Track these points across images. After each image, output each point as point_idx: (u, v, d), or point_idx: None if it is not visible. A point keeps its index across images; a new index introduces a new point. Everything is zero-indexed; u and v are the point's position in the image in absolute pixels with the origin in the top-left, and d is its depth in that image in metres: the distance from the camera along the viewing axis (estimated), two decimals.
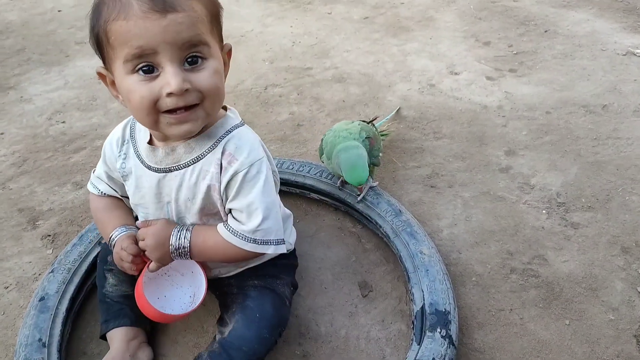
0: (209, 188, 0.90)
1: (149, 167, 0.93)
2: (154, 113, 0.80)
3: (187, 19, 0.76)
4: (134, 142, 0.97)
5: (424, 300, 1.07)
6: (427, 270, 1.12)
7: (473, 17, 2.41)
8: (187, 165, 0.91)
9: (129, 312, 1.06)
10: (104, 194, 1.04)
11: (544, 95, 1.84)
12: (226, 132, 0.91)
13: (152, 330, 1.11)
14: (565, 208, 1.38)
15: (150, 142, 0.94)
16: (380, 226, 1.26)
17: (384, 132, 1.58)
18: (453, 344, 1.00)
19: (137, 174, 0.96)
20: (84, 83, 2.01)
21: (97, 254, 1.20)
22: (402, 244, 1.20)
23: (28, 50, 2.25)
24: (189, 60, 0.79)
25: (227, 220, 0.94)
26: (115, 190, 1.04)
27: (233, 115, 0.96)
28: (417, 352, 0.98)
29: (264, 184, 0.90)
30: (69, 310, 1.11)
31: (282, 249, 0.94)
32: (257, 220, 0.89)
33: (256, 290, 1.03)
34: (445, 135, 1.67)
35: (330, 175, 1.39)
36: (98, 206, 1.05)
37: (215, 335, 1.02)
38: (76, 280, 1.16)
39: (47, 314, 1.08)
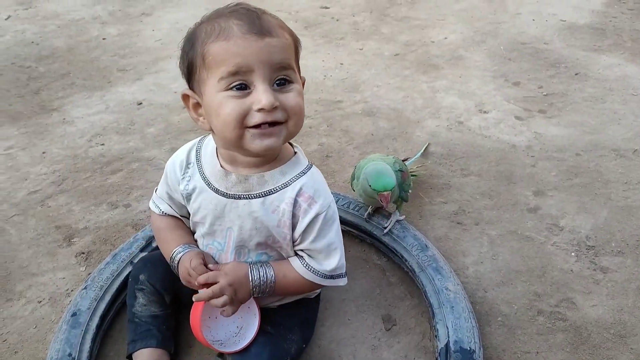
0: (279, 223, 0.95)
1: (217, 191, 0.96)
2: (240, 127, 0.84)
3: (280, 43, 0.84)
4: (199, 164, 1.00)
5: (448, 337, 1.07)
6: (453, 307, 1.12)
7: (503, 58, 2.44)
8: (258, 197, 0.94)
9: (156, 333, 1.09)
10: (165, 213, 1.08)
11: (574, 137, 1.84)
12: (300, 172, 0.96)
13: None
14: (595, 252, 1.37)
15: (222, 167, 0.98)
16: (406, 260, 1.27)
17: (413, 173, 1.60)
18: None
19: (201, 195, 0.99)
20: (124, 108, 2.09)
21: (129, 273, 1.24)
22: (427, 279, 1.21)
23: (72, 75, 2.36)
24: (278, 82, 0.85)
25: (292, 256, 1.02)
26: (175, 211, 1.07)
27: (301, 155, 1.01)
28: None
29: (336, 222, 0.99)
30: (99, 327, 1.14)
31: (345, 280, 1.03)
32: (336, 259, 0.98)
33: (263, 337, 1.04)
34: (473, 173, 1.68)
35: (357, 207, 1.41)
36: (160, 225, 1.09)
37: None
38: (107, 297, 1.19)
39: (78, 330, 1.11)
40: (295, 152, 1.00)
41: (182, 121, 2.00)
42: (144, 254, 1.28)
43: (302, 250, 0.99)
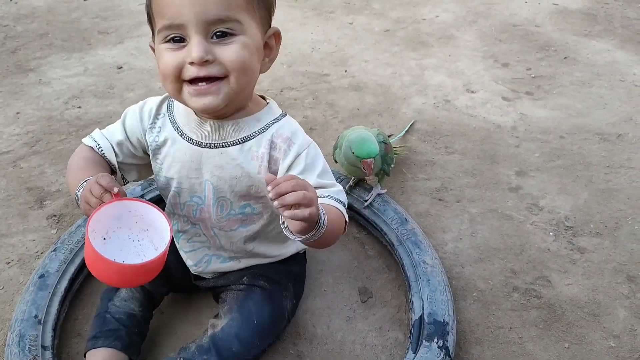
0: (259, 169, 0.91)
1: (190, 141, 0.92)
2: (178, 81, 0.82)
3: None
4: (172, 115, 0.95)
5: (423, 309, 1.06)
6: (429, 280, 1.11)
7: (493, 39, 2.41)
8: (235, 144, 0.91)
9: (124, 335, 0.98)
10: (101, 150, 0.95)
11: (559, 120, 1.83)
12: (275, 119, 0.93)
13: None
14: (573, 232, 1.37)
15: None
16: (385, 233, 1.26)
17: (396, 152, 1.57)
18: (449, 356, 0.99)
19: (173, 146, 0.94)
20: (103, 71, 2.03)
21: None
22: (405, 252, 1.19)
23: (51, 35, 2.28)
24: (218, 33, 0.79)
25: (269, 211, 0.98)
26: (114, 153, 0.96)
27: (274, 105, 0.97)
28: None
29: (324, 163, 0.93)
30: (67, 290, 1.11)
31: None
32: (334, 184, 0.92)
33: (261, 294, 1.02)
34: (457, 151, 1.66)
35: (338, 179, 1.39)
36: (85, 155, 0.95)
37: (207, 329, 1.00)
38: (77, 261, 1.16)
39: (45, 292, 1.08)
40: (268, 102, 0.97)
41: (163, 88, 1.94)
42: None
43: None
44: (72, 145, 1.62)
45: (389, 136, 1.54)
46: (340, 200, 0.90)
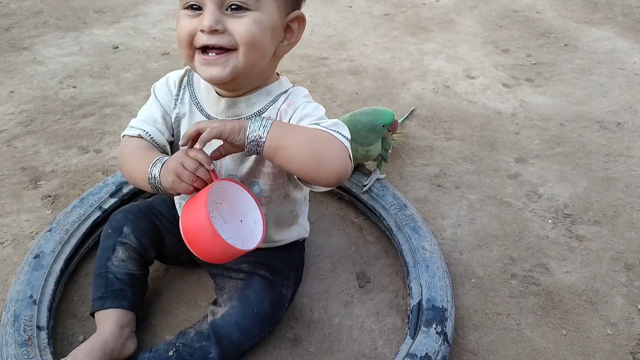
0: None
1: (208, 116, 0.93)
2: (190, 47, 0.83)
3: None
4: (192, 89, 0.96)
5: (421, 295, 1.06)
6: (428, 266, 1.11)
7: (494, 24, 2.39)
8: (248, 119, 0.88)
9: (129, 295, 1.01)
10: (150, 136, 0.93)
11: (559, 107, 1.82)
12: (284, 90, 0.93)
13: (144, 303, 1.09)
14: (572, 220, 1.37)
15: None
16: (384, 219, 1.25)
17: (393, 138, 1.56)
18: (447, 342, 0.98)
19: (192, 121, 0.94)
20: (99, 51, 2.00)
21: (98, 220, 1.19)
22: (404, 237, 1.19)
23: (46, 13, 2.24)
24: (233, 6, 0.80)
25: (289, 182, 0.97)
26: (162, 135, 0.95)
27: (285, 80, 0.96)
28: (411, 346, 0.96)
29: (323, 115, 0.90)
30: (63, 270, 1.10)
31: (351, 155, 0.87)
32: (332, 120, 0.88)
33: (262, 282, 1.01)
34: (456, 137, 1.65)
35: None
36: (137, 143, 0.93)
37: (206, 315, 1.00)
38: (73, 241, 1.14)
39: (40, 272, 1.06)
40: (279, 78, 0.96)
41: (160, 68, 1.92)
42: (114, 199, 1.23)
43: None
44: (67, 125, 1.60)
45: None
46: (329, 129, 0.84)
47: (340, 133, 0.85)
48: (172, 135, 0.98)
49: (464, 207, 1.39)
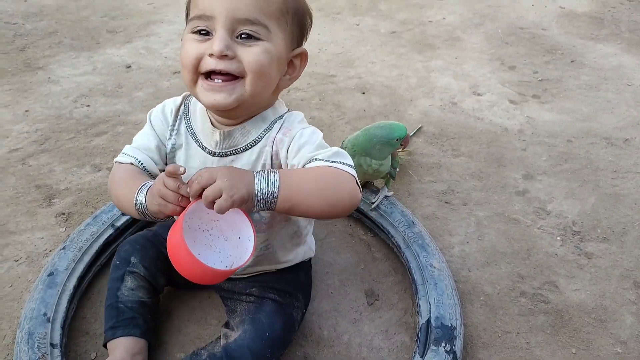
0: (263, 167, 0.90)
1: (204, 148, 0.92)
2: (194, 72, 0.82)
3: None
4: (188, 118, 0.95)
5: (430, 313, 1.06)
6: (436, 283, 1.12)
7: (500, 41, 2.41)
8: (245, 149, 0.90)
9: (141, 323, 1.01)
10: (142, 164, 0.93)
11: (566, 124, 1.83)
12: (279, 116, 0.92)
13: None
14: (580, 237, 1.37)
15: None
16: (392, 236, 1.26)
17: (400, 156, 1.57)
18: None
19: (188, 152, 0.94)
20: (112, 70, 2.04)
21: (111, 236, 1.21)
22: (412, 255, 1.19)
23: (60, 34, 2.29)
24: (243, 35, 0.80)
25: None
26: (155, 163, 0.94)
27: (280, 104, 0.96)
28: None
29: (321, 140, 0.88)
30: (76, 288, 1.12)
31: (359, 183, 0.86)
32: (329, 150, 0.86)
33: (273, 305, 1.02)
34: (464, 154, 1.67)
35: None
36: (128, 169, 0.92)
37: (219, 337, 1.01)
38: (86, 259, 1.16)
39: (54, 290, 1.08)
40: (274, 103, 0.95)
41: (171, 87, 1.95)
42: (126, 217, 1.25)
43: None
44: (80, 143, 1.63)
45: None
46: (332, 161, 0.84)
47: (344, 163, 0.84)
48: (166, 164, 0.97)
49: (472, 224, 1.40)
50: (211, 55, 0.79)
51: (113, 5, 2.56)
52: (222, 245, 0.87)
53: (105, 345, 1.01)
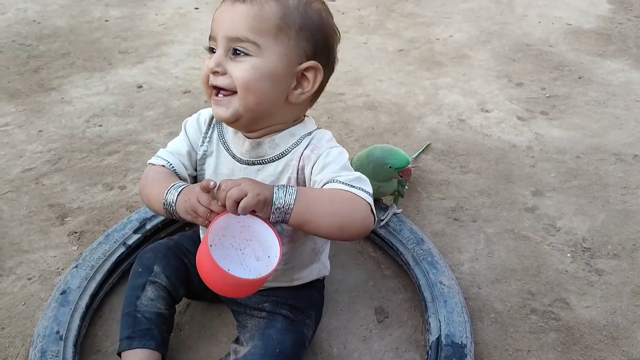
0: (289, 181, 0.93)
1: (233, 156, 0.96)
2: (208, 87, 0.89)
3: (246, 11, 0.83)
4: (220, 127, 0.99)
5: (440, 330, 1.06)
6: (446, 301, 1.12)
7: (507, 58, 2.43)
8: (271, 161, 0.94)
9: (157, 335, 1.01)
10: (173, 167, 0.98)
11: (575, 140, 1.83)
12: (308, 132, 0.95)
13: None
14: (591, 253, 1.36)
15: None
16: (401, 253, 1.26)
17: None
18: None
19: (218, 159, 0.98)
20: (124, 90, 2.08)
21: (122, 254, 1.23)
22: (421, 272, 1.20)
23: (73, 55, 2.34)
24: (235, 51, 0.85)
25: None
26: (185, 168, 0.99)
27: (310, 121, 0.99)
28: None
29: (347, 162, 0.92)
30: (88, 306, 1.13)
31: (374, 210, 0.88)
32: (351, 174, 0.89)
33: (284, 322, 1.02)
34: (472, 170, 1.67)
35: None
36: (159, 170, 0.97)
37: (228, 353, 1.01)
38: (98, 277, 1.18)
39: (67, 308, 1.09)
40: (304, 119, 0.98)
41: (182, 106, 1.98)
42: (137, 235, 1.27)
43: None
44: (92, 162, 1.65)
45: None
46: (351, 185, 0.86)
47: (362, 189, 0.87)
48: (195, 170, 1.02)
49: (482, 240, 1.40)
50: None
51: (125, 27, 2.61)
52: (253, 265, 0.89)
53: (119, 354, 1.01)
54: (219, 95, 0.87)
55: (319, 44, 0.89)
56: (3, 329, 1.14)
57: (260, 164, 0.94)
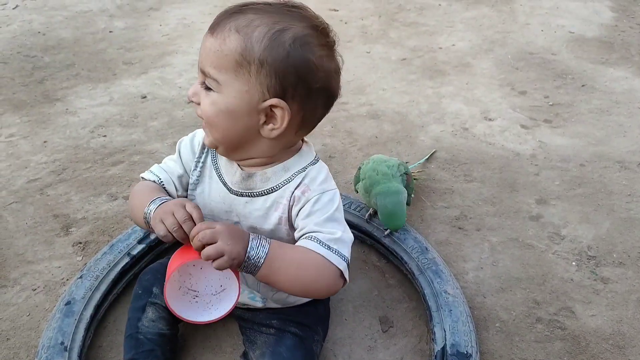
0: (279, 220, 0.92)
1: (225, 184, 0.95)
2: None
3: (210, 45, 0.82)
4: (214, 152, 0.98)
5: (445, 340, 1.05)
6: (451, 310, 1.11)
7: (510, 67, 2.43)
8: (260, 195, 0.92)
9: (159, 355, 1.02)
10: (162, 183, 0.98)
11: (579, 148, 1.83)
12: (303, 168, 0.92)
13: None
14: (596, 262, 1.36)
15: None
16: (406, 262, 1.26)
17: (415, 177, 1.59)
18: None
19: (210, 185, 0.97)
20: (128, 101, 2.09)
21: (127, 265, 1.23)
22: (426, 281, 1.19)
23: (77, 66, 2.35)
24: (204, 84, 0.85)
25: None
26: (175, 186, 0.98)
27: (307, 149, 0.96)
28: None
29: (335, 211, 0.90)
30: (92, 316, 1.13)
31: (347, 275, 0.89)
32: (332, 233, 0.88)
33: (293, 339, 1.02)
34: (476, 179, 1.67)
35: (358, 208, 1.40)
36: (149, 184, 0.97)
37: None
38: (103, 288, 1.18)
39: (71, 319, 1.09)
40: (301, 147, 0.96)
41: (185, 116, 1.99)
42: (142, 245, 1.27)
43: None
44: (97, 173, 1.66)
45: (406, 163, 1.56)
46: (328, 246, 0.86)
47: (338, 253, 0.86)
48: (186, 191, 1.01)
49: (486, 249, 1.40)
50: None
51: (129, 38, 2.63)
52: (207, 298, 0.92)
53: None
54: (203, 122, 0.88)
55: (287, 79, 0.80)
56: (8, 340, 1.14)
57: (250, 196, 0.93)
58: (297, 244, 0.89)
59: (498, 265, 1.35)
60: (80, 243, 1.39)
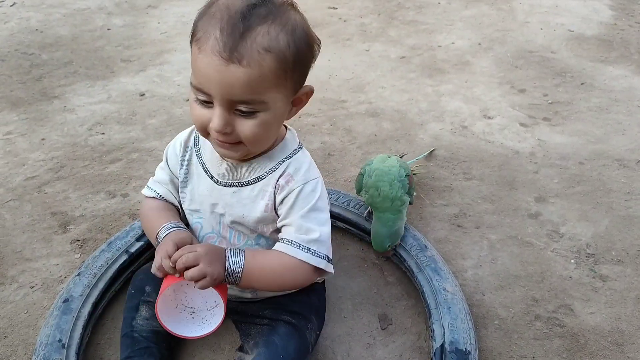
0: (266, 207, 0.94)
1: (212, 177, 0.97)
2: (205, 131, 0.87)
3: (246, 76, 0.77)
4: (198, 149, 1.01)
5: (444, 337, 1.05)
6: (450, 307, 1.11)
7: (509, 65, 2.43)
8: (247, 184, 0.95)
9: (156, 352, 1.02)
10: (161, 196, 1.05)
11: (578, 146, 1.83)
12: (287, 156, 0.95)
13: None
14: (595, 259, 1.36)
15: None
16: (405, 260, 1.26)
17: (414, 172, 1.59)
18: None
19: (198, 180, 1.00)
20: (126, 99, 2.08)
21: (125, 262, 1.22)
22: (425, 279, 1.19)
23: (75, 63, 2.35)
24: (239, 109, 0.82)
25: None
26: (172, 194, 1.05)
27: (291, 137, 0.99)
28: None
29: (317, 201, 0.93)
30: (90, 314, 1.12)
31: (331, 269, 0.95)
32: (311, 233, 0.92)
33: (287, 328, 1.02)
34: (475, 177, 1.67)
35: (357, 205, 1.40)
36: (152, 205, 1.05)
37: None
38: (101, 285, 1.17)
39: (69, 316, 1.09)
40: (286, 135, 0.98)
41: (184, 114, 1.98)
42: (140, 243, 1.27)
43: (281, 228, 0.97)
44: (95, 170, 1.65)
45: (402, 156, 1.56)
46: (307, 249, 0.92)
47: (315, 253, 0.92)
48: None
49: (485, 247, 1.40)
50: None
51: (127, 35, 2.62)
52: (203, 314, 0.97)
53: None
54: (225, 143, 0.86)
55: (307, 67, 0.88)
56: (5, 337, 1.14)
57: (237, 186, 0.95)
58: (275, 247, 0.94)
59: (497, 262, 1.35)
60: (78, 241, 1.39)
